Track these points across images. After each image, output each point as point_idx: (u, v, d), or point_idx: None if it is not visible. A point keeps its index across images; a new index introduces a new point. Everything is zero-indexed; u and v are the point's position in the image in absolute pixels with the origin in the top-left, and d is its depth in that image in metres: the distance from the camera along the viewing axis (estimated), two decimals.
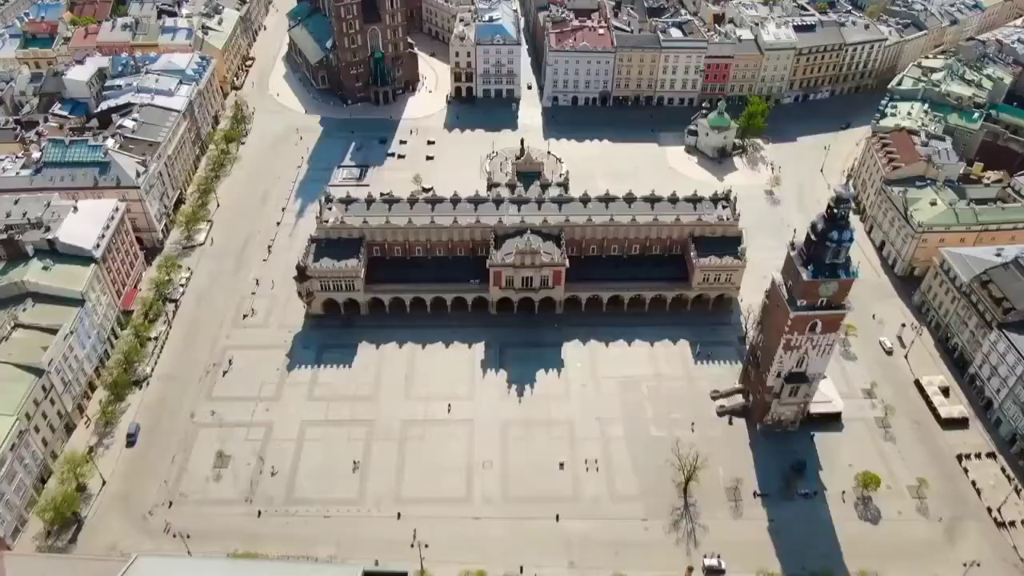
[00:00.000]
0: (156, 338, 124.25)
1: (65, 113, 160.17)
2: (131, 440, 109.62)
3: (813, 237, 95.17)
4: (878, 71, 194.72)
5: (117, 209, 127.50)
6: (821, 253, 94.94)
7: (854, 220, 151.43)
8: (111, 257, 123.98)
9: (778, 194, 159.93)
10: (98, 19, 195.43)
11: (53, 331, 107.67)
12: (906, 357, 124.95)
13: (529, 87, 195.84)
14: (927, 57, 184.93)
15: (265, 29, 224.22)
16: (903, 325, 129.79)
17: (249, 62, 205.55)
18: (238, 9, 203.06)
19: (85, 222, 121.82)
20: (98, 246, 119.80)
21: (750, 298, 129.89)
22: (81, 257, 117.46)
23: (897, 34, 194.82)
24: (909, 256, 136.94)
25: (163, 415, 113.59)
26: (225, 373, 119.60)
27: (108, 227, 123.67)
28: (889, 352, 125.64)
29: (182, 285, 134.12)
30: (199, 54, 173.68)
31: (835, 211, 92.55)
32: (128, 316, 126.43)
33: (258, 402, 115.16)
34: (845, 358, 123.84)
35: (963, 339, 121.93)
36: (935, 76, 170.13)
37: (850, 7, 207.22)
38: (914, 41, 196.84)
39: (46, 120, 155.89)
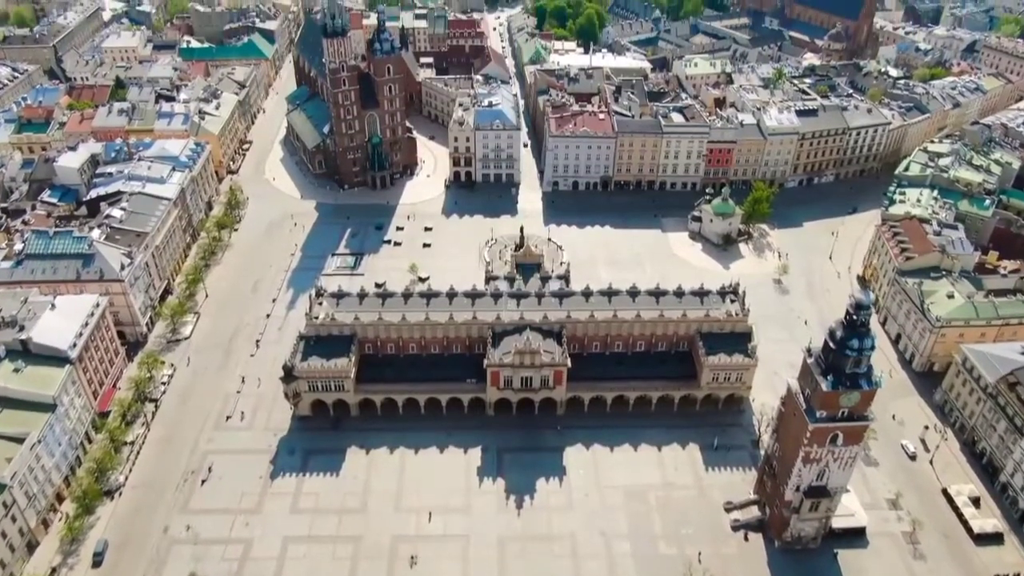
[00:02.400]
0: (132, 442, 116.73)
1: (54, 200, 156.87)
2: (98, 559, 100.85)
3: (832, 345, 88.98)
4: (882, 154, 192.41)
5: (98, 305, 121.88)
6: (841, 362, 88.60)
7: None
8: (88, 356, 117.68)
9: (786, 283, 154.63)
10: (96, 103, 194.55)
11: (20, 440, 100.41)
12: (931, 462, 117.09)
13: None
14: (932, 141, 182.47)
15: (264, 112, 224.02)
16: (926, 427, 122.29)
17: (246, 146, 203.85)
18: (237, 94, 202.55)
19: (62, 320, 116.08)
20: (74, 345, 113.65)
21: (762, 396, 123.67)
22: (55, 358, 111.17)
23: (900, 117, 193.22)
24: (927, 351, 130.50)
25: (134, 530, 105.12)
26: (204, 482, 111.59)
27: (87, 324, 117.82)
28: (912, 457, 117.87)
29: (164, 383, 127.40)
30: (194, 140, 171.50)
31: (855, 318, 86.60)
32: (104, 418, 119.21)
33: (237, 515, 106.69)
34: (866, 463, 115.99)
35: (991, 444, 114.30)
36: (942, 161, 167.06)
37: (851, 91, 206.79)
38: (917, 125, 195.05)
39: (34, 208, 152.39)
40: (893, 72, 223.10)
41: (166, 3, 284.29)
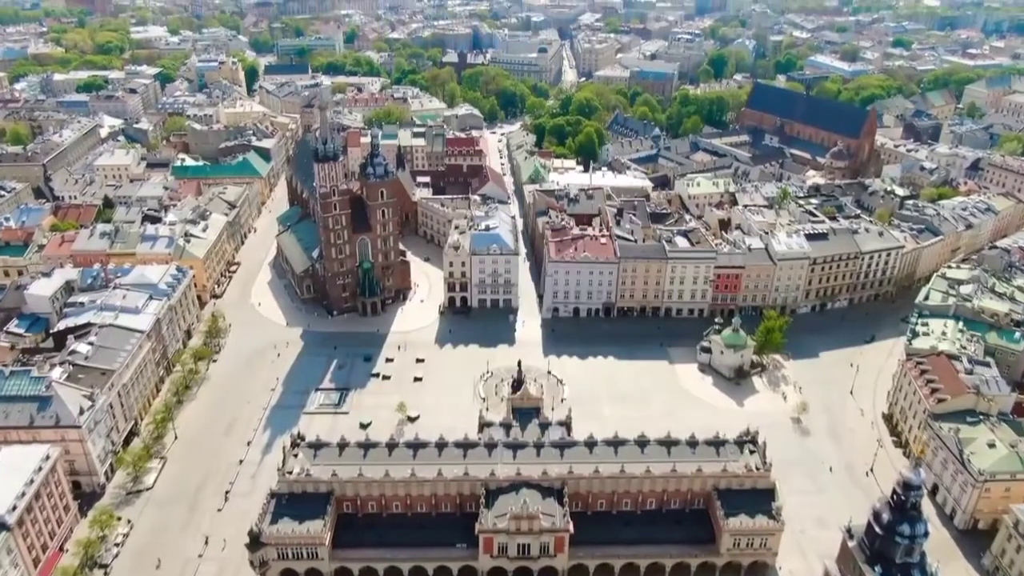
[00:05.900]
0: None
1: (21, 331, 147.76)
2: None
3: (878, 529, 76.90)
4: (896, 278, 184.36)
5: (47, 457, 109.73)
6: (889, 549, 76.50)
7: (896, 456, 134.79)
8: (32, 518, 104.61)
9: (806, 422, 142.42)
10: (81, 224, 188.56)
11: None
12: None
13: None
14: (950, 266, 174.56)
15: (255, 232, 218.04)
16: None
17: (234, 267, 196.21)
18: (226, 214, 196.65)
19: (5, 477, 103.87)
20: (14, 508, 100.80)
21: (789, 562, 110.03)
22: None
23: (912, 240, 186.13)
24: (971, 508, 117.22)
25: None
26: None
27: (32, 481, 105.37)
28: None
29: (117, 544, 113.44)
30: (176, 265, 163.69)
31: (904, 499, 74.83)
32: None
33: None
34: None
35: None
36: (964, 289, 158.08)
37: (858, 211, 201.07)
38: (931, 247, 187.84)
39: None
40: (900, 191, 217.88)
41: (164, 121, 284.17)
